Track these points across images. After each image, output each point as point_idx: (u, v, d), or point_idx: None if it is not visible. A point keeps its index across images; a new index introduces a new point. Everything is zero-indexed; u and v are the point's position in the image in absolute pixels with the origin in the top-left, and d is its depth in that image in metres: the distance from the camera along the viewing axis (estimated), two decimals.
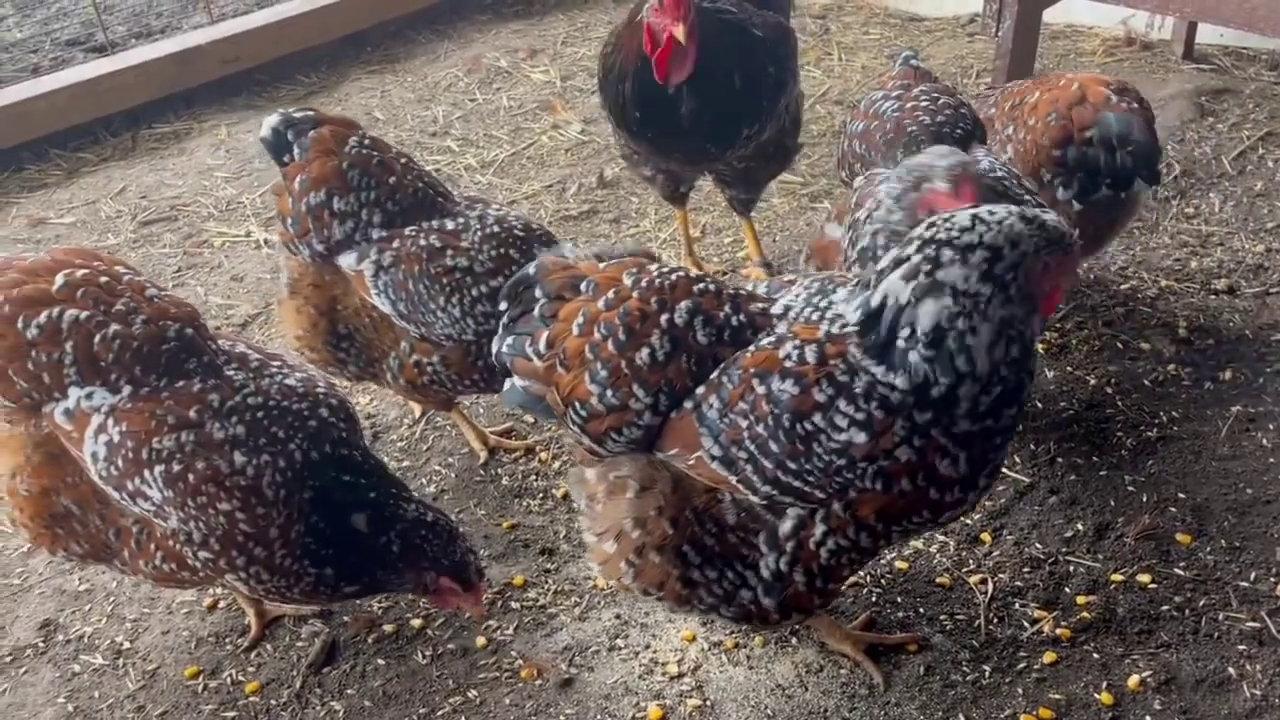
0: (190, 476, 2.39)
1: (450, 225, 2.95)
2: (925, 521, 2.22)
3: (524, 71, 5.73)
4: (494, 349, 2.40)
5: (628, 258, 2.39)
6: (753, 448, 2.16)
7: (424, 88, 5.66)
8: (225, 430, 2.41)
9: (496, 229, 2.95)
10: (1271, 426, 3.26)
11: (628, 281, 2.28)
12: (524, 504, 3.24)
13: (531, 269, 2.37)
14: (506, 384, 2.40)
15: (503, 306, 2.41)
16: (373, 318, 3.01)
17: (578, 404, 2.27)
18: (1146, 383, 3.44)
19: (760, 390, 2.15)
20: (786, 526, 2.23)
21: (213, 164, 5.11)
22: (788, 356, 2.16)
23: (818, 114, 5.04)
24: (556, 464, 3.36)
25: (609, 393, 2.24)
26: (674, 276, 2.28)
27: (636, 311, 2.24)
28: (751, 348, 2.21)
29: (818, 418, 2.11)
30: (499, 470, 3.37)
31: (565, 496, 3.21)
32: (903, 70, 3.33)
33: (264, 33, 5.72)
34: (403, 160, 3.04)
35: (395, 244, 2.91)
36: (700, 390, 2.21)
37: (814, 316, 2.21)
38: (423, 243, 2.90)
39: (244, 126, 5.40)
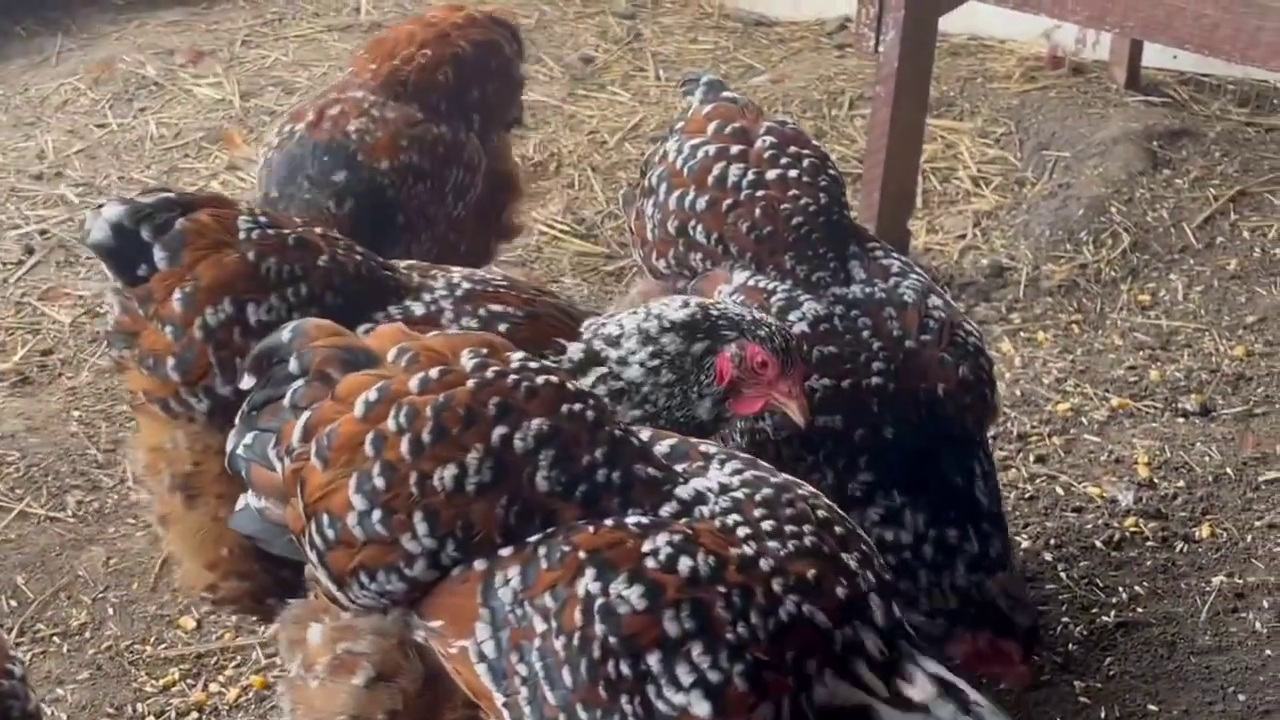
0: None
1: (419, 310, 2.91)
2: None
3: (183, 84, 5.68)
4: (229, 446, 2.40)
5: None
6: (538, 665, 2.14)
7: (25, 105, 5.55)
8: None
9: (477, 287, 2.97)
10: (1266, 604, 3.42)
11: (466, 363, 2.28)
12: None
13: (286, 333, 2.36)
14: (239, 502, 2.41)
15: (245, 384, 2.41)
16: None
17: (326, 518, 2.23)
18: (1098, 544, 3.57)
19: (587, 587, 2.13)
20: None
21: None
22: (653, 553, 2.15)
23: (628, 154, 5.15)
24: (249, 700, 3.25)
25: (376, 514, 2.20)
26: (540, 380, 2.29)
27: (461, 409, 2.22)
28: (607, 522, 2.20)
29: (653, 658, 2.11)
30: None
31: None
32: (719, 108, 3.31)
33: None
34: (317, 230, 3.05)
35: None
36: (505, 552, 2.20)
37: (743, 531, 2.19)
38: None
39: None
